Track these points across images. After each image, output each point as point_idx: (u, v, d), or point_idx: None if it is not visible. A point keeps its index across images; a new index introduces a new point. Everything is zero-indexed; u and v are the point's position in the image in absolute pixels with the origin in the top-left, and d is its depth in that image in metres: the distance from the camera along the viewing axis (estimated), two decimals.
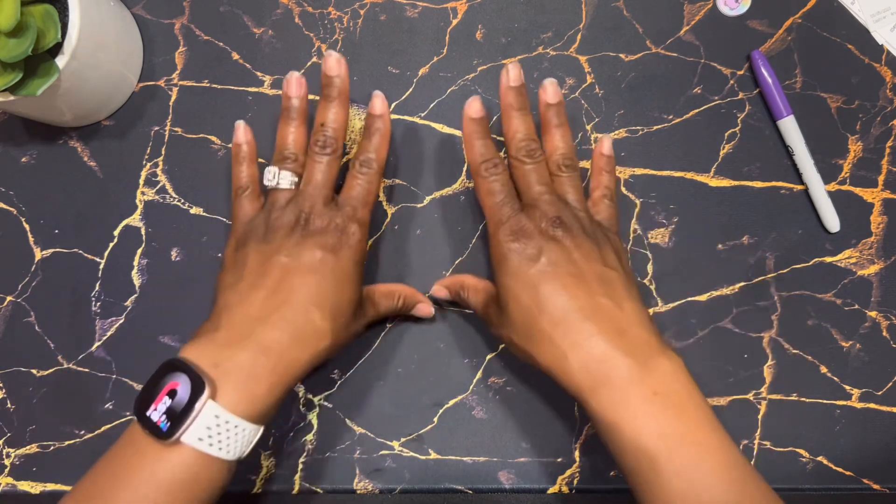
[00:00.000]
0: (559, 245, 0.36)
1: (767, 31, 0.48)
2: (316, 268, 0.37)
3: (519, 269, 0.36)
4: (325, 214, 0.38)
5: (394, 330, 0.46)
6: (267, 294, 0.36)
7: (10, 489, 0.45)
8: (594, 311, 0.34)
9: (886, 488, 0.44)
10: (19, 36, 0.39)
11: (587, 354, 0.34)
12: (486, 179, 0.39)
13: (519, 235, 0.37)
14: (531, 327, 0.35)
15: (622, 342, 0.34)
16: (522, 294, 0.36)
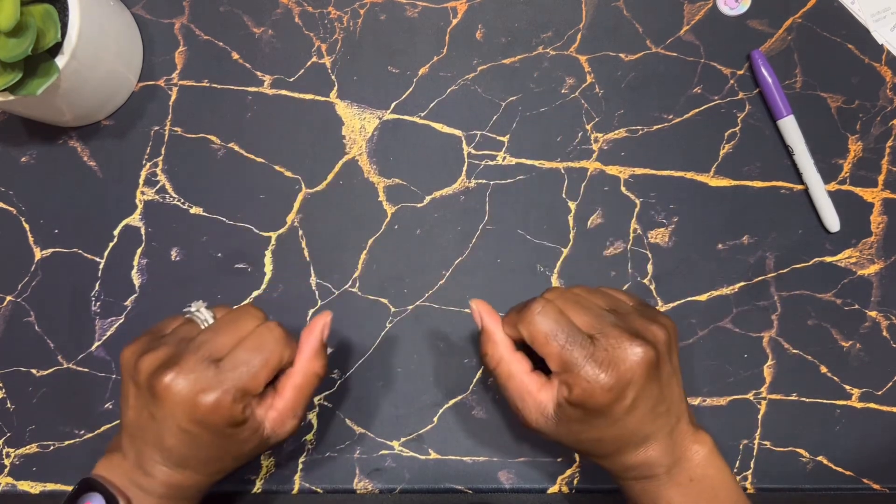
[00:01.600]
0: (646, 364, 0.33)
1: (767, 30, 0.48)
2: (177, 435, 0.34)
3: (603, 409, 0.34)
4: (194, 371, 0.34)
5: (394, 330, 0.46)
6: (151, 439, 0.35)
7: (10, 489, 0.45)
8: (655, 426, 0.34)
9: (886, 488, 0.44)
10: (19, 36, 0.39)
11: (643, 458, 0.35)
12: (535, 319, 0.35)
13: (590, 360, 0.33)
14: (601, 445, 0.35)
15: (670, 440, 0.35)
16: (601, 429, 0.34)
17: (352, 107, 0.47)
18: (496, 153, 0.47)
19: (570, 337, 0.34)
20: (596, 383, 0.33)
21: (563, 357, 0.34)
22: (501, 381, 0.37)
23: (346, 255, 0.46)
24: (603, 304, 0.36)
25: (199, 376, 0.33)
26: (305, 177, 0.47)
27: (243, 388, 0.34)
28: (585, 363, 0.33)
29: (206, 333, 0.35)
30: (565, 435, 0.35)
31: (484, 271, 0.46)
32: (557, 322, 0.34)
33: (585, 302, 0.36)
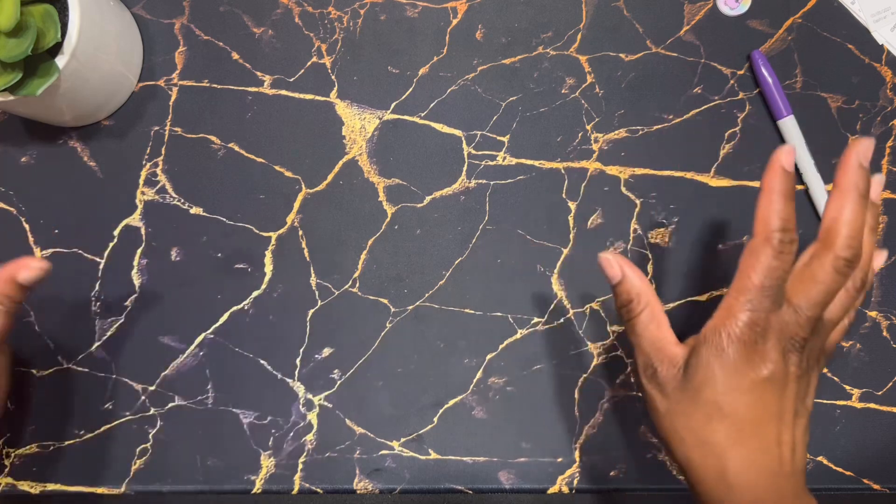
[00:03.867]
0: (785, 370, 0.32)
1: (767, 31, 0.48)
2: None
3: (736, 366, 0.32)
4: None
5: (394, 330, 0.46)
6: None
7: (9, 489, 0.45)
8: (774, 447, 0.32)
9: (886, 488, 0.44)
10: (19, 36, 0.39)
11: (749, 486, 0.32)
12: (774, 254, 0.32)
13: (759, 334, 0.32)
14: (708, 426, 0.33)
15: (784, 485, 0.32)
16: (722, 390, 0.32)
17: (352, 107, 0.47)
18: (496, 153, 0.47)
19: (777, 285, 0.32)
20: (750, 327, 0.32)
21: (753, 289, 0.32)
22: (642, 326, 0.35)
23: (346, 255, 0.46)
24: (824, 309, 0.33)
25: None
26: (305, 177, 0.47)
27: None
28: (760, 308, 0.32)
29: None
30: (691, 397, 0.33)
31: (484, 271, 0.46)
32: (784, 272, 0.32)
33: (829, 290, 0.32)
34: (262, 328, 0.46)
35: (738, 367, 0.32)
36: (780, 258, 0.32)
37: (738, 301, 0.33)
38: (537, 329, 0.46)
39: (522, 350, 0.45)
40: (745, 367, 0.32)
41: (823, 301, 0.32)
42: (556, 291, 0.46)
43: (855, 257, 0.32)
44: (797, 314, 0.32)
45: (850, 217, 0.32)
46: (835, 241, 0.32)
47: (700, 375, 0.33)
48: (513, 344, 0.45)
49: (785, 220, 0.32)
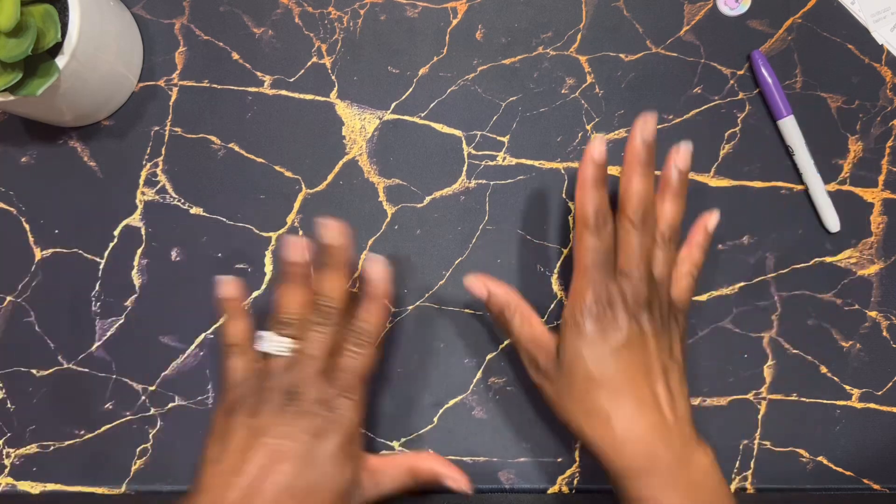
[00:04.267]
0: (640, 329, 0.36)
1: (767, 31, 0.48)
2: (298, 454, 0.35)
3: (595, 338, 0.36)
4: (317, 389, 0.37)
5: (394, 330, 0.46)
6: (248, 481, 0.35)
7: (9, 489, 0.45)
8: (652, 400, 0.35)
9: (886, 488, 0.44)
10: (19, 36, 0.39)
11: (638, 440, 0.35)
12: (591, 235, 0.37)
13: (605, 305, 0.36)
14: (587, 396, 0.36)
15: (670, 435, 0.35)
16: (590, 363, 0.36)
17: (352, 107, 0.47)
18: (496, 153, 0.47)
19: (604, 261, 0.37)
20: (597, 301, 0.36)
21: (588, 269, 0.37)
22: (517, 329, 0.39)
23: None
24: (648, 269, 0.37)
25: None
26: (305, 177, 0.47)
27: (358, 393, 0.38)
28: (600, 283, 0.36)
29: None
30: (567, 376, 0.36)
31: (484, 271, 0.46)
32: (607, 248, 0.37)
33: (642, 251, 0.37)
34: (262, 328, 0.46)
35: (596, 339, 0.36)
36: (598, 237, 0.37)
37: (579, 282, 0.37)
38: None
39: None
40: (603, 337, 0.36)
41: (640, 259, 0.37)
42: (556, 291, 0.46)
43: (645, 215, 0.37)
44: (629, 277, 0.37)
45: (635, 187, 0.37)
46: (626, 207, 0.37)
47: (569, 355, 0.36)
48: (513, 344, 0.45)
49: (597, 205, 0.37)
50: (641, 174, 0.37)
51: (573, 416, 0.37)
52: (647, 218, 0.37)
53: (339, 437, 0.36)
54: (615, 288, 0.37)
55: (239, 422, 0.36)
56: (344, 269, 0.39)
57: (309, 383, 0.37)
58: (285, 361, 0.37)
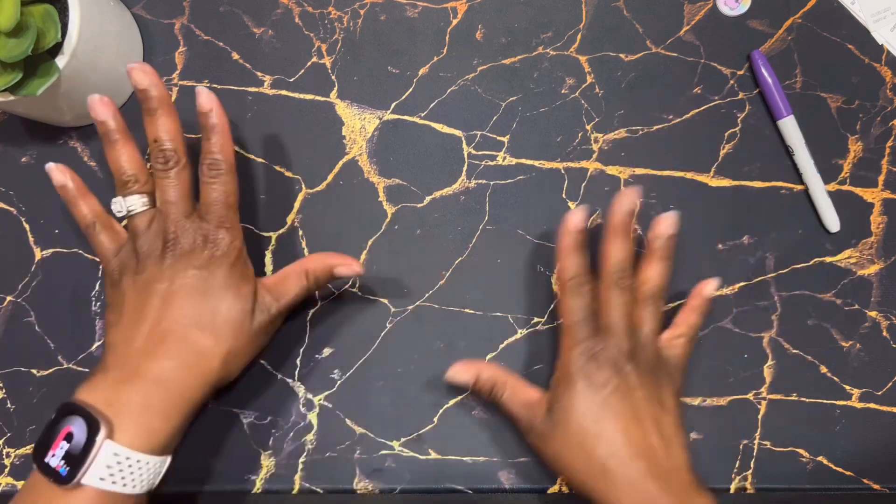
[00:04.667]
0: (625, 380, 0.38)
1: (767, 31, 0.48)
2: (190, 289, 0.37)
3: (585, 391, 0.38)
4: (190, 229, 0.38)
5: (394, 330, 0.46)
6: (150, 326, 0.36)
7: (10, 489, 0.45)
8: (646, 449, 0.36)
9: (886, 488, 0.44)
10: (19, 36, 0.39)
11: (638, 490, 0.35)
12: (572, 297, 0.40)
13: (591, 359, 0.38)
14: (583, 449, 0.37)
15: (668, 485, 0.36)
16: (582, 416, 0.37)
17: (352, 107, 0.47)
18: (496, 153, 0.47)
19: (587, 319, 0.39)
20: (584, 357, 0.38)
21: (572, 328, 0.39)
22: (509, 401, 0.41)
23: None
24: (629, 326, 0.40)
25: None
26: (305, 177, 0.47)
27: (231, 221, 0.39)
28: (585, 340, 0.39)
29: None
30: (561, 433, 0.38)
31: (484, 271, 0.46)
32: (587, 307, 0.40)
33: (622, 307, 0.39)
34: None
35: (587, 391, 0.38)
36: (578, 298, 0.40)
37: (567, 341, 0.40)
38: (537, 329, 0.46)
39: (522, 350, 0.45)
40: (592, 389, 0.38)
41: (620, 315, 0.39)
42: (557, 291, 0.46)
43: (622, 277, 0.40)
44: (612, 332, 0.39)
45: (613, 252, 0.40)
46: (605, 269, 0.40)
47: (563, 411, 0.38)
48: (513, 344, 0.45)
49: (575, 269, 0.40)
50: (620, 240, 0.40)
51: (573, 471, 0.38)
52: (624, 278, 0.40)
53: (226, 264, 0.38)
54: (599, 343, 0.39)
55: (127, 284, 0.38)
56: (168, 110, 0.40)
57: (179, 226, 0.38)
58: (147, 217, 0.39)
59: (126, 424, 0.34)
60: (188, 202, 0.39)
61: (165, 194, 0.39)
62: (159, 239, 0.38)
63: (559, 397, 0.38)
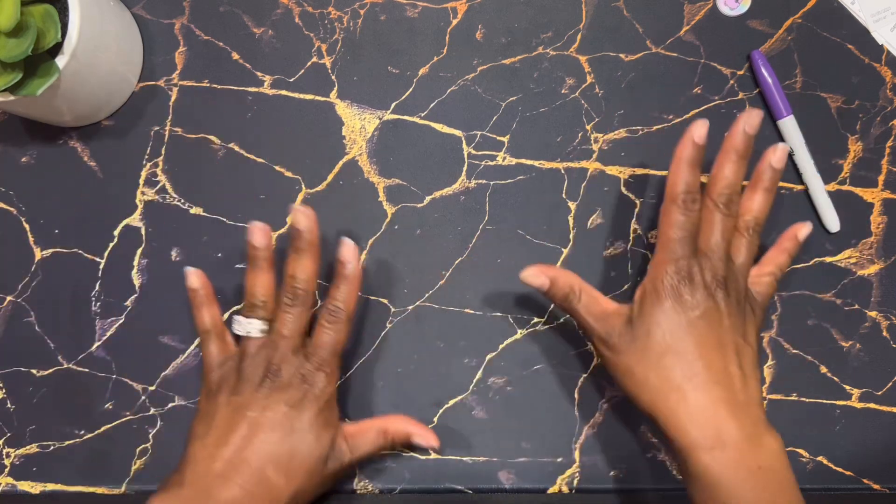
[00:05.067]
0: (716, 306, 0.37)
1: (767, 31, 0.48)
2: (278, 424, 0.38)
3: (674, 309, 0.37)
4: (293, 365, 0.39)
5: (394, 330, 0.46)
6: (232, 452, 0.37)
7: (10, 489, 0.45)
8: (725, 377, 0.36)
9: (886, 488, 0.44)
10: (19, 36, 0.39)
11: (712, 415, 0.35)
12: (680, 211, 0.38)
13: (685, 279, 0.37)
14: (661, 367, 0.37)
15: (741, 414, 0.35)
16: (667, 333, 0.37)
17: (352, 107, 0.47)
18: (496, 153, 0.47)
19: (689, 237, 0.38)
20: (678, 275, 0.37)
21: (672, 243, 0.38)
22: (584, 309, 0.40)
23: None
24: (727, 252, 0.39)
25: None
26: (305, 177, 0.47)
27: (332, 367, 0.40)
28: (682, 258, 0.38)
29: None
30: (641, 346, 0.37)
31: (484, 271, 0.46)
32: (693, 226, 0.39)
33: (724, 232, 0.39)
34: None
35: (675, 310, 0.37)
36: (686, 214, 0.38)
37: (662, 256, 0.39)
38: (537, 329, 0.46)
39: (522, 350, 0.45)
40: (681, 309, 0.37)
41: (721, 240, 0.38)
42: None
43: (729, 201, 0.39)
44: (709, 256, 0.38)
45: (726, 172, 0.39)
46: (712, 190, 0.39)
47: (646, 324, 0.37)
48: (513, 344, 0.45)
49: (689, 183, 0.38)
50: (734, 161, 0.39)
51: (645, 388, 0.37)
52: (731, 203, 0.39)
53: (315, 407, 0.39)
54: (695, 264, 0.38)
55: (222, 401, 0.39)
56: (313, 253, 0.41)
57: (285, 360, 0.39)
58: (259, 342, 0.40)
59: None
60: (300, 340, 0.40)
61: (282, 327, 0.40)
62: (262, 366, 0.39)
63: (645, 311, 0.38)
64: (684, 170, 0.39)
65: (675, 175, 0.39)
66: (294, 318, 0.40)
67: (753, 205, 0.40)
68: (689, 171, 0.39)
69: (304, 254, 0.41)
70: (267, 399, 0.38)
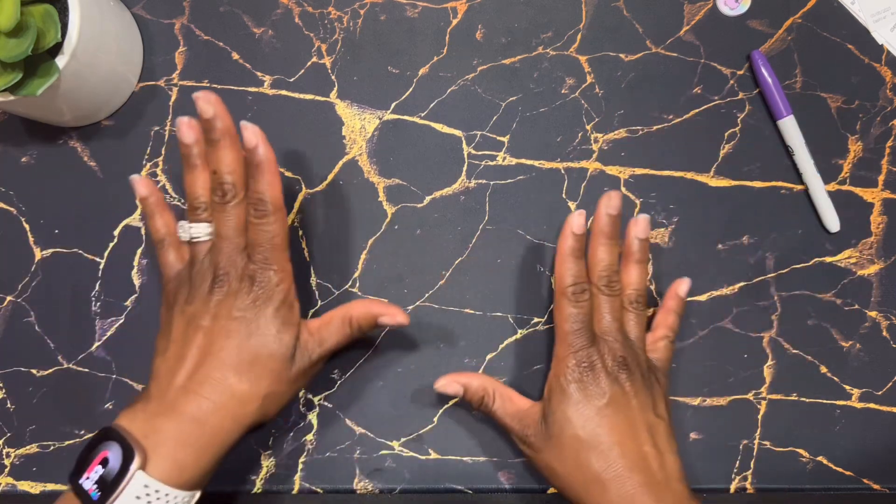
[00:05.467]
0: (621, 389, 0.38)
1: (767, 31, 0.48)
2: (233, 330, 0.37)
3: (581, 402, 0.38)
4: (238, 267, 0.38)
5: (394, 330, 0.46)
6: (192, 364, 0.37)
7: (9, 489, 0.45)
8: (640, 460, 0.36)
9: (886, 488, 0.44)
10: (19, 36, 0.39)
11: (631, 502, 0.35)
12: (571, 304, 0.39)
13: (587, 370, 0.38)
14: (577, 460, 0.37)
15: (662, 493, 0.36)
16: (577, 426, 0.37)
17: (352, 107, 0.47)
18: (496, 153, 0.47)
19: (584, 328, 0.39)
20: (579, 366, 0.38)
21: (568, 336, 0.39)
22: (500, 411, 0.40)
23: (346, 255, 0.46)
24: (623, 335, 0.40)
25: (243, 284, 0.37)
26: (305, 177, 0.47)
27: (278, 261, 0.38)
28: (581, 350, 0.38)
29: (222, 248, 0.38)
30: (557, 444, 0.38)
31: (484, 271, 0.46)
32: (585, 316, 0.39)
33: (613, 312, 0.40)
34: None
35: (582, 402, 0.37)
36: (577, 306, 0.39)
37: (562, 350, 0.39)
38: (537, 329, 0.46)
39: (522, 350, 0.45)
40: (588, 400, 0.37)
41: (612, 321, 0.39)
42: None
43: (610, 282, 0.40)
44: (605, 340, 0.39)
45: (600, 256, 0.40)
46: (593, 275, 0.40)
47: (557, 422, 0.38)
48: (513, 344, 0.45)
49: (575, 275, 0.40)
50: (605, 244, 0.40)
51: (567, 482, 0.38)
52: (613, 283, 0.40)
53: (270, 308, 0.37)
54: (594, 352, 0.38)
55: (177, 312, 0.38)
56: (230, 141, 0.39)
57: (230, 263, 0.38)
58: (206, 246, 0.39)
59: (159, 457, 0.34)
60: (243, 239, 0.38)
61: (221, 228, 0.38)
62: (210, 273, 0.38)
63: (554, 408, 0.38)
64: (569, 262, 0.40)
65: (561, 268, 0.40)
66: (230, 216, 0.38)
67: (631, 279, 0.41)
68: (574, 262, 0.40)
69: (219, 144, 0.38)
70: (219, 307, 0.37)
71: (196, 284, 0.38)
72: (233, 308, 0.37)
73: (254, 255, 0.38)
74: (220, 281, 0.38)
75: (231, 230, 0.38)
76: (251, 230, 0.38)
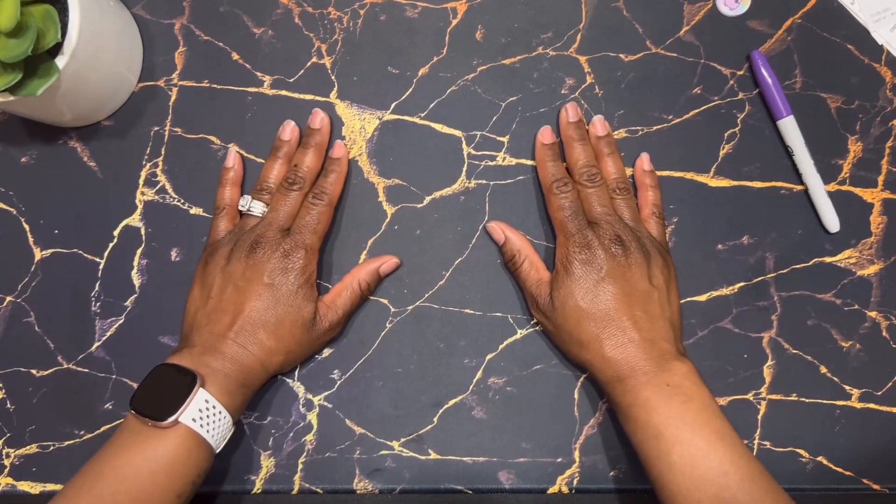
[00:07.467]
0: (616, 262, 0.41)
1: (767, 31, 0.48)
2: (263, 294, 0.42)
3: (582, 277, 0.42)
4: (276, 241, 0.43)
5: (394, 330, 0.46)
6: (230, 317, 0.42)
7: (9, 489, 0.45)
8: (632, 323, 0.40)
9: (886, 488, 0.44)
10: (19, 36, 0.39)
11: (622, 353, 0.40)
12: (557, 196, 0.44)
13: (585, 248, 0.42)
14: (579, 327, 0.41)
15: (648, 348, 0.40)
16: (579, 298, 0.41)
17: (352, 107, 0.47)
18: (496, 153, 0.47)
19: (575, 214, 0.43)
20: (578, 247, 0.42)
21: (564, 223, 0.43)
22: (524, 273, 0.44)
23: (346, 255, 0.46)
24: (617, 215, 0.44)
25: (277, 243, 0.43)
26: None
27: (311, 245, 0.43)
28: (577, 233, 0.42)
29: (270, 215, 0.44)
30: (560, 313, 0.42)
31: (484, 271, 0.46)
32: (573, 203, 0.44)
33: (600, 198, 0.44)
34: None
35: (583, 276, 0.42)
36: (563, 196, 0.44)
37: (561, 237, 0.44)
38: (537, 329, 0.46)
39: (522, 350, 0.45)
40: (588, 274, 0.42)
41: (601, 206, 0.43)
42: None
43: (591, 175, 0.44)
44: (599, 223, 0.43)
45: (576, 155, 0.45)
46: (575, 173, 0.44)
47: (562, 294, 0.42)
48: (513, 344, 0.46)
49: (555, 172, 0.44)
50: (578, 145, 0.45)
51: (569, 345, 0.42)
52: (594, 177, 0.44)
53: (295, 283, 0.42)
54: (590, 233, 0.42)
55: (217, 270, 0.43)
56: (318, 152, 0.45)
57: (269, 237, 0.43)
58: (255, 220, 0.44)
59: (211, 384, 0.39)
60: (287, 221, 0.44)
61: (277, 206, 0.44)
62: (251, 240, 0.43)
63: (560, 284, 0.42)
64: (547, 164, 0.45)
65: (542, 170, 0.45)
66: (288, 201, 0.44)
67: (609, 170, 0.45)
68: (552, 163, 0.45)
69: (310, 149, 0.45)
70: (252, 270, 0.42)
71: (237, 248, 0.43)
72: (264, 273, 0.42)
73: (294, 234, 0.43)
74: (258, 248, 0.42)
75: (283, 211, 0.44)
76: (302, 211, 0.44)
